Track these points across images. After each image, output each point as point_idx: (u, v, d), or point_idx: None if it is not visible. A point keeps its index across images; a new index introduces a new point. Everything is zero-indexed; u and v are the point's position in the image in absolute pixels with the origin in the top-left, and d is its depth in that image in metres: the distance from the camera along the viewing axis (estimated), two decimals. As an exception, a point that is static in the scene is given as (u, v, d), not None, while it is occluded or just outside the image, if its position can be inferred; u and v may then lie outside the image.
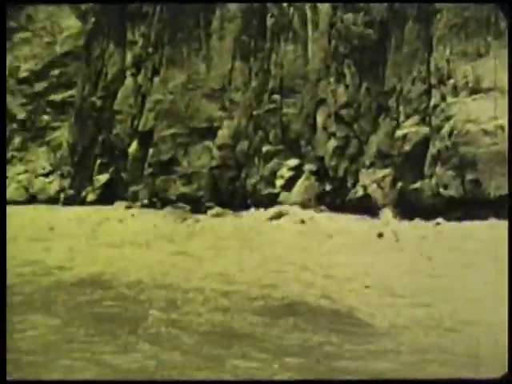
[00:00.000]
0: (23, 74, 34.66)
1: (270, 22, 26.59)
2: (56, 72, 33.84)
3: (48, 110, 33.87)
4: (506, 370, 6.62)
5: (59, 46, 34.23)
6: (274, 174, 25.83)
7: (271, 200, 25.41)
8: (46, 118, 33.86)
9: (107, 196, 29.54)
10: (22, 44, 35.17)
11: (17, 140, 34.45)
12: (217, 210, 25.59)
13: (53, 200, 31.39)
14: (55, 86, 33.80)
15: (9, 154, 34.54)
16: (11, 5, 34.94)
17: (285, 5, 26.29)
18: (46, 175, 32.83)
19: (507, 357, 7.04)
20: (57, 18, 34.53)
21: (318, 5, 25.37)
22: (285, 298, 12.03)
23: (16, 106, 34.62)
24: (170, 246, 18.79)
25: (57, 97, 33.67)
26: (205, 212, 25.73)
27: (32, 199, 32.34)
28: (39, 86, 34.19)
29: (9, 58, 35.53)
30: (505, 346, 8.15)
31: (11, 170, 33.97)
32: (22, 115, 34.42)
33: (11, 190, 33.05)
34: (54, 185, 32.21)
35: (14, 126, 34.47)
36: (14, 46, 35.28)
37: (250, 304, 11.62)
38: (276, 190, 25.59)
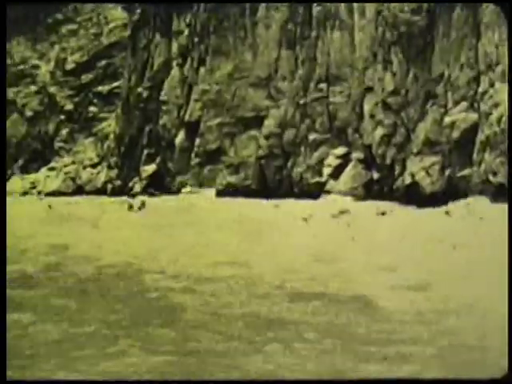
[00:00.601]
0: (70, 66, 35.60)
1: (316, 9, 26.95)
2: (102, 63, 34.74)
3: (95, 101, 34.79)
4: (506, 370, 6.81)
5: (105, 38, 35.12)
6: (321, 163, 26.22)
7: (318, 189, 25.84)
8: (93, 109, 34.78)
9: (154, 186, 30.20)
10: (69, 36, 36.13)
11: (64, 131, 35.42)
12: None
13: (100, 191, 32.17)
14: (102, 77, 34.72)
15: (56, 146, 35.56)
16: (11, 5, 35.70)
17: (331, -8, 26.61)
18: (94, 166, 33.68)
19: (507, 357, 7.24)
20: (103, 9, 35.40)
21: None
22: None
23: (63, 98, 35.59)
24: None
25: (103, 88, 34.58)
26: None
27: (79, 190, 33.17)
28: (86, 78, 35.11)
29: (56, 50, 36.56)
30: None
31: (59, 162, 34.95)
32: (69, 107, 35.37)
33: (59, 182, 34.01)
34: (101, 176, 33.01)
35: (62, 117, 35.46)
36: (61, 38, 36.27)
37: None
38: (323, 179, 25.98)
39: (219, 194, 27.78)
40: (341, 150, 25.97)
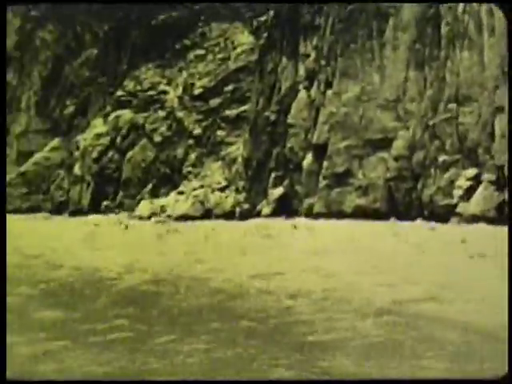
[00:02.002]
0: (198, 91, 37.69)
1: (444, 29, 27.82)
2: (230, 88, 36.67)
3: (223, 125, 36.68)
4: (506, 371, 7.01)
5: (233, 62, 37.07)
6: (451, 184, 26.90)
7: (449, 211, 26.53)
8: (220, 133, 36.67)
9: (282, 209, 31.53)
10: (197, 61, 38.30)
11: (192, 156, 37.43)
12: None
13: (229, 214, 33.78)
14: (229, 101, 36.61)
15: (185, 170, 37.61)
16: (11, 5, 37.47)
17: (459, 11, 27.47)
18: (222, 190, 35.40)
19: (507, 357, 7.44)
20: (230, 34, 37.38)
21: (493, 9, 26.36)
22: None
23: (191, 123, 37.66)
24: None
25: (231, 112, 36.45)
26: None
27: (208, 214, 34.89)
28: (214, 102, 37.11)
29: (183, 76, 38.77)
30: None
31: (187, 186, 36.91)
32: (197, 131, 37.40)
33: (188, 206, 35.89)
34: (229, 199, 34.66)
35: (190, 141, 37.51)
36: (188, 64, 38.47)
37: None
38: (454, 201, 26.62)
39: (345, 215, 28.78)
40: (472, 172, 26.55)
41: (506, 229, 22.42)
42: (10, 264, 14.53)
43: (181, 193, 36.86)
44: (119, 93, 40.99)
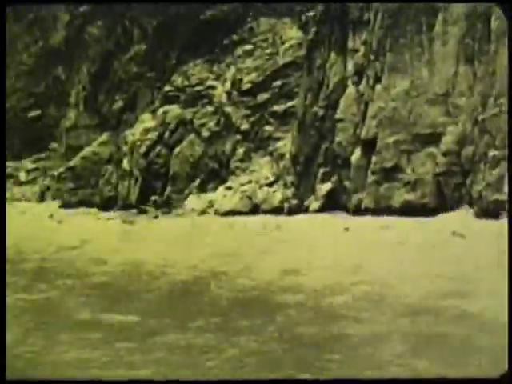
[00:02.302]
0: (246, 86, 38.12)
1: (494, 23, 27.86)
2: (278, 83, 37.04)
3: (271, 120, 37.06)
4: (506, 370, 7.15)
5: (281, 57, 37.41)
6: (501, 180, 26.95)
7: (498, 207, 26.61)
8: (268, 128, 37.06)
9: (330, 205, 31.85)
10: (245, 56, 38.73)
11: (240, 151, 37.87)
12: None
13: (277, 210, 34.16)
14: (277, 96, 36.97)
15: (233, 165, 38.06)
16: (11, 5, 37.82)
17: None
18: (270, 185, 35.78)
19: (507, 357, 7.54)
20: (278, 29, 37.73)
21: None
22: None
23: (239, 118, 38.08)
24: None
25: (279, 107, 36.82)
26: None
27: (255, 209, 35.31)
28: (261, 98, 37.50)
29: (232, 71, 39.20)
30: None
31: (235, 181, 37.36)
32: (245, 126, 37.82)
33: (236, 201, 36.34)
34: (277, 194, 35.04)
35: (238, 137, 37.95)
36: (236, 59, 38.90)
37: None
38: (503, 197, 26.68)
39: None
40: (522, 167, 26.58)
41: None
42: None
43: (229, 188, 37.30)
44: (167, 88, 41.55)
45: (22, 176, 51.16)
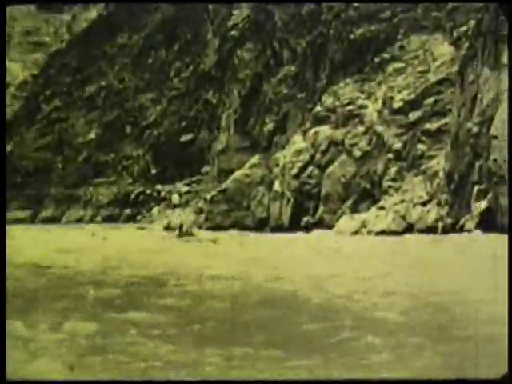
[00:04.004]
0: (397, 104, 39.10)
1: None
2: (430, 100, 37.83)
3: (423, 138, 37.83)
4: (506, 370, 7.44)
5: (433, 74, 38.22)
6: None
7: None
8: (421, 147, 37.83)
9: (486, 223, 32.18)
10: (396, 74, 39.76)
11: (393, 170, 38.79)
12: None
13: (430, 229, 34.79)
14: (430, 114, 37.74)
15: (385, 184, 39.02)
16: (11, 5, 38.59)
17: None
18: (423, 204, 36.49)
19: (507, 357, 7.77)
20: (430, 45, 38.59)
21: None
22: None
23: (391, 137, 39.07)
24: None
25: (431, 125, 37.57)
26: None
27: (409, 228, 36.04)
28: (414, 116, 38.36)
29: (382, 89, 40.28)
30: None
31: (388, 200, 38.27)
32: (397, 145, 38.75)
33: (389, 220, 37.24)
34: (431, 214, 35.69)
35: (390, 156, 38.90)
36: (387, 77, 40.00)
37: None
38: None
39: None
40: None
41: None
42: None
43: (381, 208, 38.18)
44: (318, 108, 43.03)
45: (175, 199, 53.87)
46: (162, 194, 53.30)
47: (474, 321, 12.35)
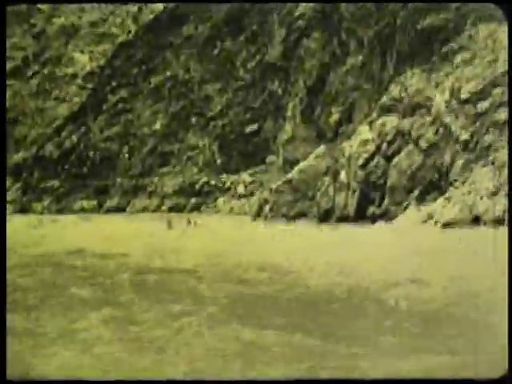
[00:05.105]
0: (465, 95, 39.37)
1: None
2: (498, 91, 37.98)
3: (491, 129, 37.99)
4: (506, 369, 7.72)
5: (501, 64, 38.31)
6: None
7: None
8: (489, 137, 37.98)
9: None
10: (464, 65, 40.00)
11: (460, 161, 39.02)
12: None
13: (498, 220, 35.00)
14: (498, 105, 37.90)
15: (452, 176, 39.21)
16: (11, 5, 38.86)
17: None
18: (491, 196, 36.65)
19: (507, 357, 8.09)
20: (498, 34, 38.74)
21: None
22: None
23: (458, 128, 39.34)
24: None
25: (500, 116, 37.71)
26: None
27: (476, 220, 36.28)
28: (482, 106, 38.55)
29: (450, 80, 40.60)
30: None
31: (455, 192, 38.50)
32: (464, 136, 39.00)
33: (455, 212, 37.49)
34: (498, 205, 35.86)
35: (457, 147, 39.17)
36: (455, 68, 40.25)
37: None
38: None
39: None
40: None
41: None
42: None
43: (448, 199, 38.43)
44: (384, 99, 43.47)
45: (241, 189, 54.70)
46: (227, 184, 54.21)
47: None
